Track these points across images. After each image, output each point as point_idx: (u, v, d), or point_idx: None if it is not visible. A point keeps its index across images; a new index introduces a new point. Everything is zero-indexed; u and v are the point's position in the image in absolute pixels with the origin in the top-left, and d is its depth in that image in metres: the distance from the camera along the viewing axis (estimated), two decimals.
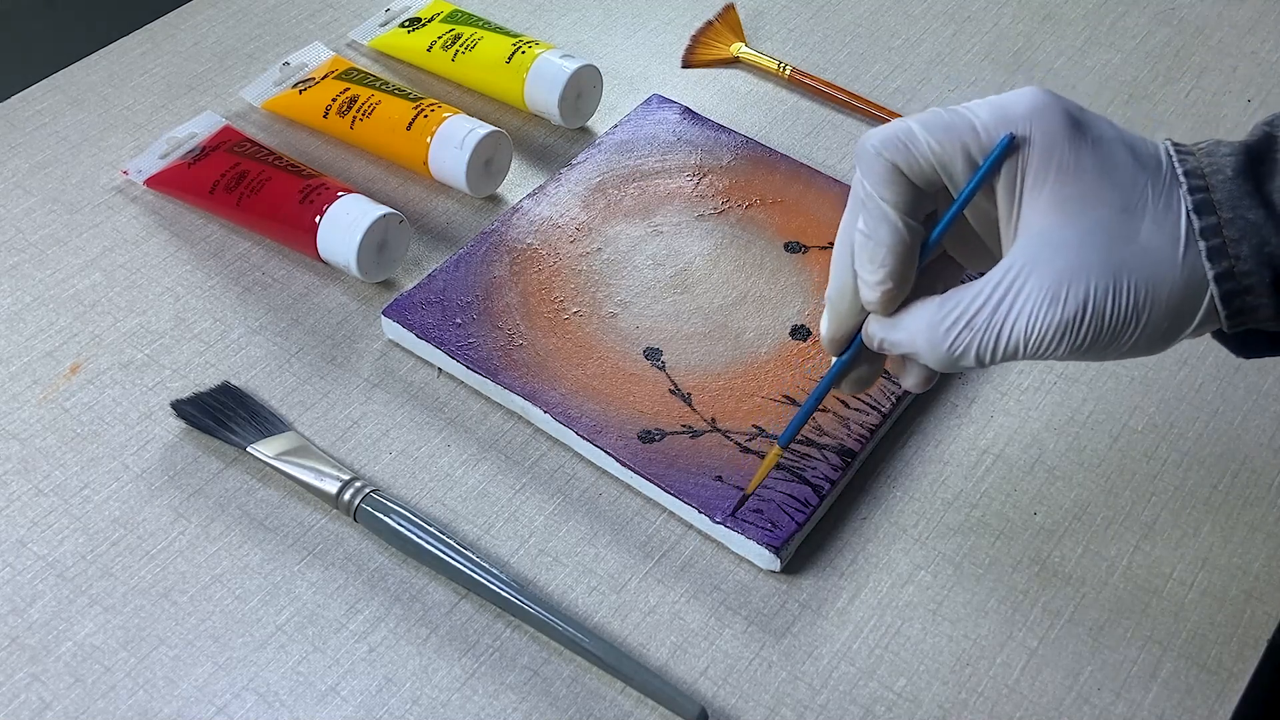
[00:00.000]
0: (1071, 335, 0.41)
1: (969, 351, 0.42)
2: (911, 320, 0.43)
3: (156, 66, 0.74)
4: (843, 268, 0.45)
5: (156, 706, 0.48)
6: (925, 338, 0.43)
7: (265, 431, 0.55)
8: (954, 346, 0.42)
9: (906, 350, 0.44)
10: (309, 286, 0.63)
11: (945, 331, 0.42)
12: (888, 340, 0.44)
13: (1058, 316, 0.41)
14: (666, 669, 0.50)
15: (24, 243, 0.65)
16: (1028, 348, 0.41)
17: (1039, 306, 0.41)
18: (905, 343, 0.44)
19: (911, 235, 0.43)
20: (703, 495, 0.53)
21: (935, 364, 0.44)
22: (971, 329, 0.42)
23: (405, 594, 0.52)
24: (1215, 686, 0.49)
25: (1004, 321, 0.41)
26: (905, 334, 0.43)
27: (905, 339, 0.44)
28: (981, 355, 0.42)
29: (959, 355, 0.42)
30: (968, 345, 0.42)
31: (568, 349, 0.58)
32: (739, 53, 0.76)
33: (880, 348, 0.45)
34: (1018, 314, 0.41)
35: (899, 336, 0.44)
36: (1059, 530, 0.54)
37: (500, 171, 0.67)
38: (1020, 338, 0.41)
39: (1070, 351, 0.41)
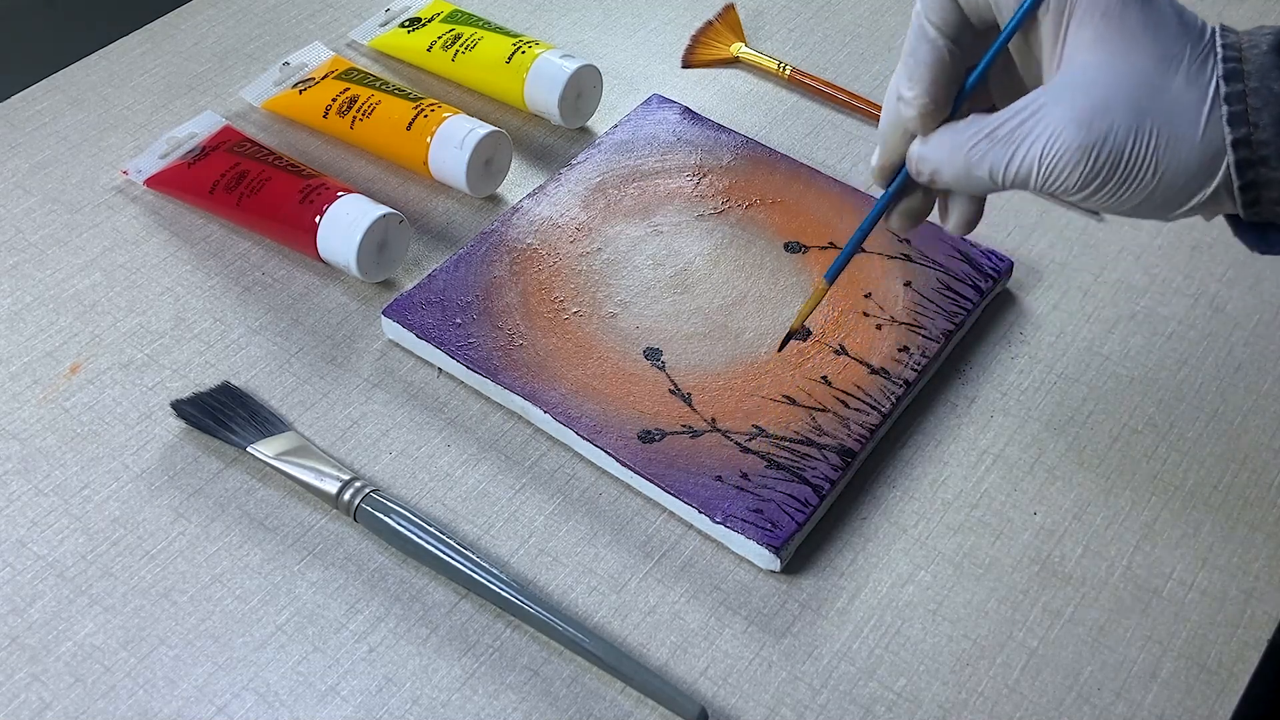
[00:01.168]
0: (1086, 164, 0.42)
1: (983, 163, 0.44)
2: (941, 136, 0.46)
3: (156, 66, 0.74)
4: (894, 99, 0.47)
5: (156, 706, 0.48)
6: (949, 150, 0.45)
7: (265, 431, 0.55)
8: (971, 155, 0.44)
9: (934, 165, 0.46)
10: (309, 286, 0.63)
11: (966, 140, 0.44)
12: (920, 155, 0.46)
13: (1077, 141, 0.42)
14: (666, 669, 0.50)
15: (24, 243, 0.65)
16: (1042, 169, 0.43)
17: (1061, 129, 0.42)
18: (932, 157, 0.46)
19: (951, 58, 0.45)
20: (703, 495, 0.53)
21: (954, 177, 0.45)
22: (992, 140, 0.44)
23: (405, 594, 0.52)
24: (1215, 686, 0.49)
25: (1025, 138, 0.43)
26: (934, 148, 0.46)
27: (933, 153, 0.46)
28: (994, 170, 0.44)
29: (974, 164, 0.44)
30: (983, 156, 0.44)
31: (568, 349, 0.58)
32: (739, 53, 0.76)
33: (915, 167, 0.47)
34: (1039, 134, 0.43)
35: (930, 152, 0.46)
36: (1059, 530, 0.54)
37: (500, 171, 0.67)
38: (1037, 157, 0.43)
39: (1081, 183, 0.43)
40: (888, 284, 0.61)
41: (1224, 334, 0.61)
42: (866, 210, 0.64)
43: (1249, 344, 0.61)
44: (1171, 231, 0.66)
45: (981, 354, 0.61)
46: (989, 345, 0.61)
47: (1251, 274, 0.64)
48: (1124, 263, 0.64)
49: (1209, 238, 0.66)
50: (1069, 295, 0.63)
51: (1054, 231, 0.66)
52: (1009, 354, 0.61)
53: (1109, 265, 0.64)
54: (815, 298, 0.52)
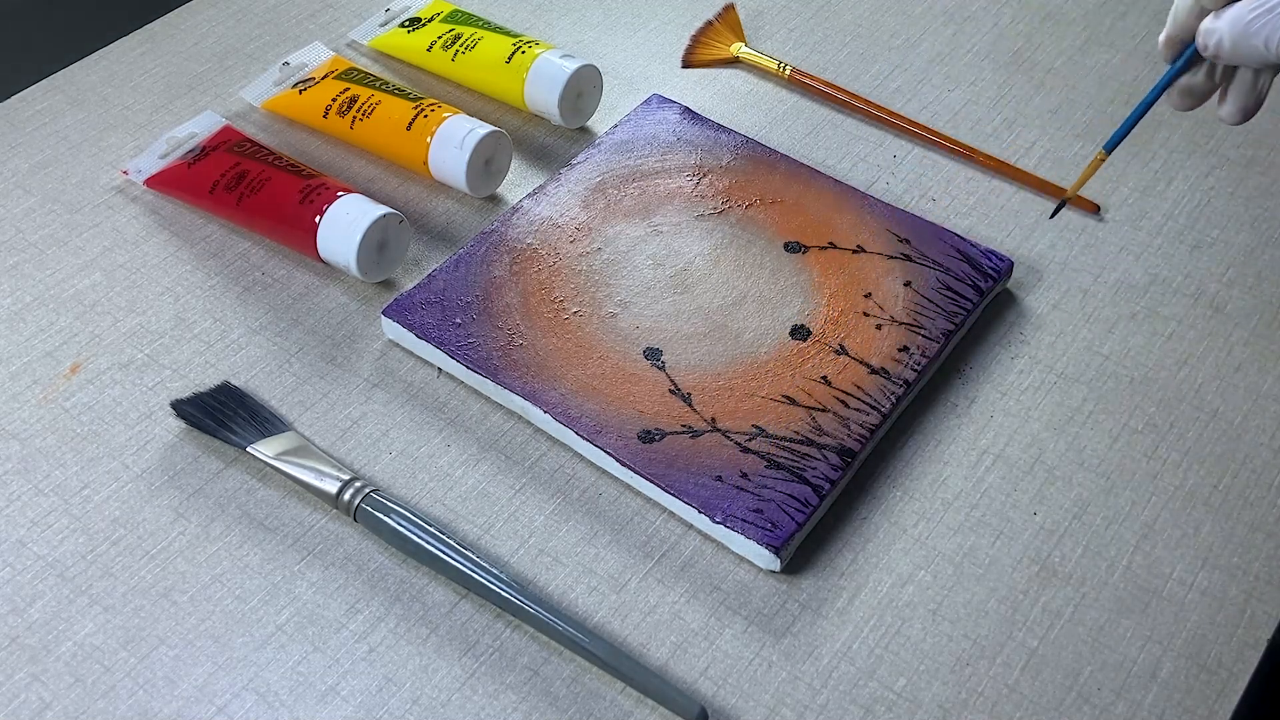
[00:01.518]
0: None
1: (1260, 34, 0.48)
2: (1229, 10, 0.49)
3: (156, 66, 0.74)
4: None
5: (156, 706, 0.48)
6: (1230, 20, 0.48)
7: (265, 431, 0.55)
8: (1249, 28, 0.48)
9: (1217, 39, 0.49)
10: (309, 286, 0.63)
11: (1248, 13, 0.48)
12: (1206, 28, 0.49)
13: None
14: (666, 669, 0.50)
15: (24, 243, 0.65)
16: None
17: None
18: (1218, 29, 0.49)
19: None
20: (703, 495, 0.53)
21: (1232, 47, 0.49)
22: (1271, 13, 0.47)
23: (405, 594, 0.52)
24: (1215, 686, 0.49)
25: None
26: (1222, 21, 0.49)
27: (1219, 25, 0.49)
28: (1269, 41, 0.47)
29: (1252, 35, 0.48)
30: (1260, 29, 0.47)
31: (568, 349, 0.58)
32: (739, 53, 0.76)
33: (1201, 41, 0.50)
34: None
35: (1216, 24, 0.49)
36: (1059, 530, 0.54)
37: (500, 171, 0.67)
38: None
39: None
40: (888, 284, 0.61)
41: (1224, 334, 0.61)
42: (867, 210, 0.64)
43: (1249, 344, 0.61)
44: (1171, 231, 0.66)
45: (981, 354, 0.61)
46: (989, 345, 0.61)
47: (1251, 274, 0.64)
48: (1124, 263, 0.64)
49: (1209, 238, 0.66)
50: (1069, 295, 0.63)
51: (1054, 231, 0.66)
52: (1009, 354, 0.61)
53: (1109, 265, 0.64)
54: (1093, 165, 0.56)
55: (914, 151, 0.70)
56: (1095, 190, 0.68)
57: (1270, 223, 0.67)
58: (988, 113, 0.73)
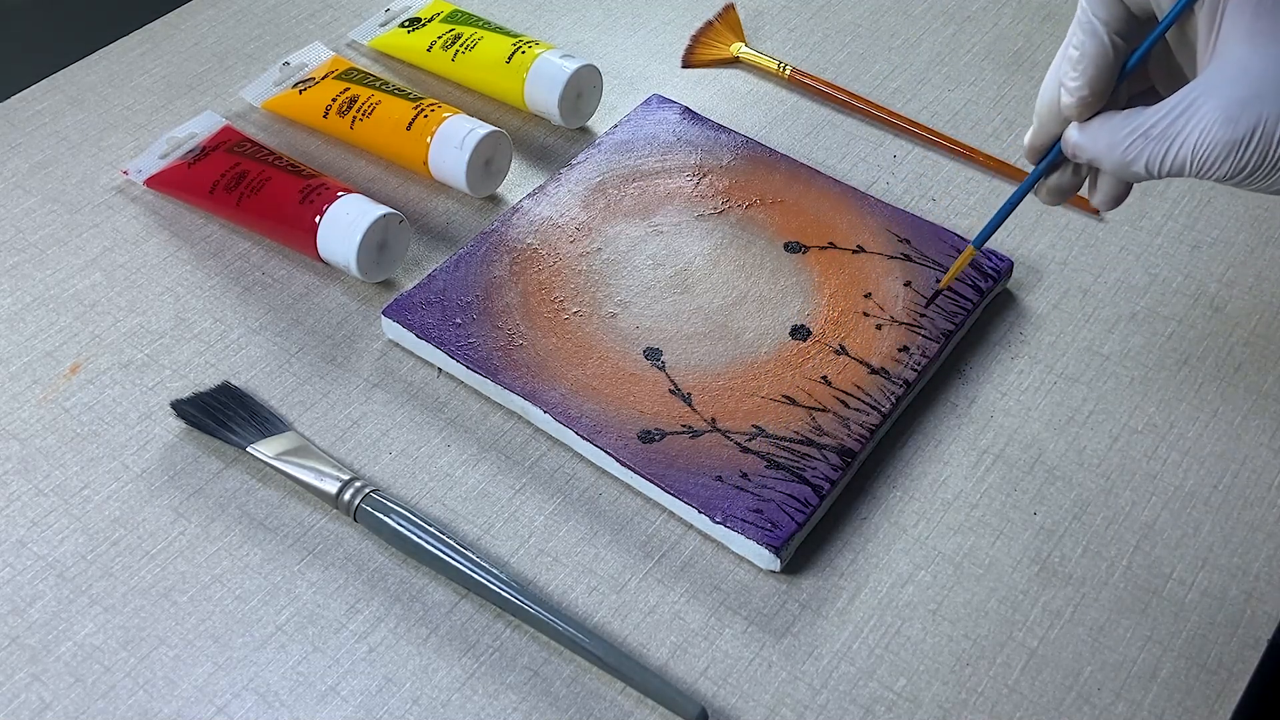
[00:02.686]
0: (1237, 155, 0.43)
1: (1140, 159, 0.46)
2: (1098, 127, 0.48)
3: (156, 66, 0.74)
4: (1051, 84, 0.49)
5: (156, 706, 0.48)
6: (1106, 143, 0.47)
7: (265, 431, 0.55)
8: (1128, 153, 0.46)
9: (1090, 155, 0.48)
10: (309, 286, 0.63)
11: (1123, 138, 0.46)
12: (1077, 144, 0.48)
13: (1227, 136, 0.43)
14: (666, 669, 0.50)
15: (24, 243, 0.65)
16: (1194, 162, 0.45)
17: (1211, 125, 0.44)
18: (1089, 147, 0.48)
19: (1115, 51, 0.47)
20: (703, 495, 0.53)
21: (1112, 169, 0.47)
22: (1147, 138, 0.45)
23: (405, 594, 0.52)
24: (1215, 686, 0.49)
25: (1176, 135, 0.44)
26: (1091, 139, 0.48)
27: (1090, 144, 0.48)
28: (1151, 165, 0.46)
29: (1131, 161, 0.46)
30: (1139, 153, 0.46)
31: (568, 349, 0.58)
32: (739, 53, 0.76)
33: (1071, 152, 0.49)
34: (1190, 130, 0.44)
35: (1085, 141, 0.48)
36: (1059, 530, 0.54)
37: (500, 171, 0.67)
38: (1189, 153, 0.44)
39: (1234, 173, 0.44)
40: (888, 284, 0.61)
41: (1224, 334, 0.61)
42: (867, 210, 0.64)
43: (1249, 344, 0.61)
44: (1171, 231, 0.66)
45: (981, 354, 0.61)
46: (989, 345, 0.61)
47: (1251, 274, 0.64)
48: (1124, 263, 0.64)
49: (1209, 238, 0.66)
50: (1069, 295, 0.63)
51: (1054, 231, 0.66)
52: (1009, 354, 0.61)
53: (1109, 265, 0.64)
54: (963, 260, 0.55)
55: (914, 151, 0.70)
56: None
57: (1270, 223, 0.66)
58: (988, 113, 0.73)
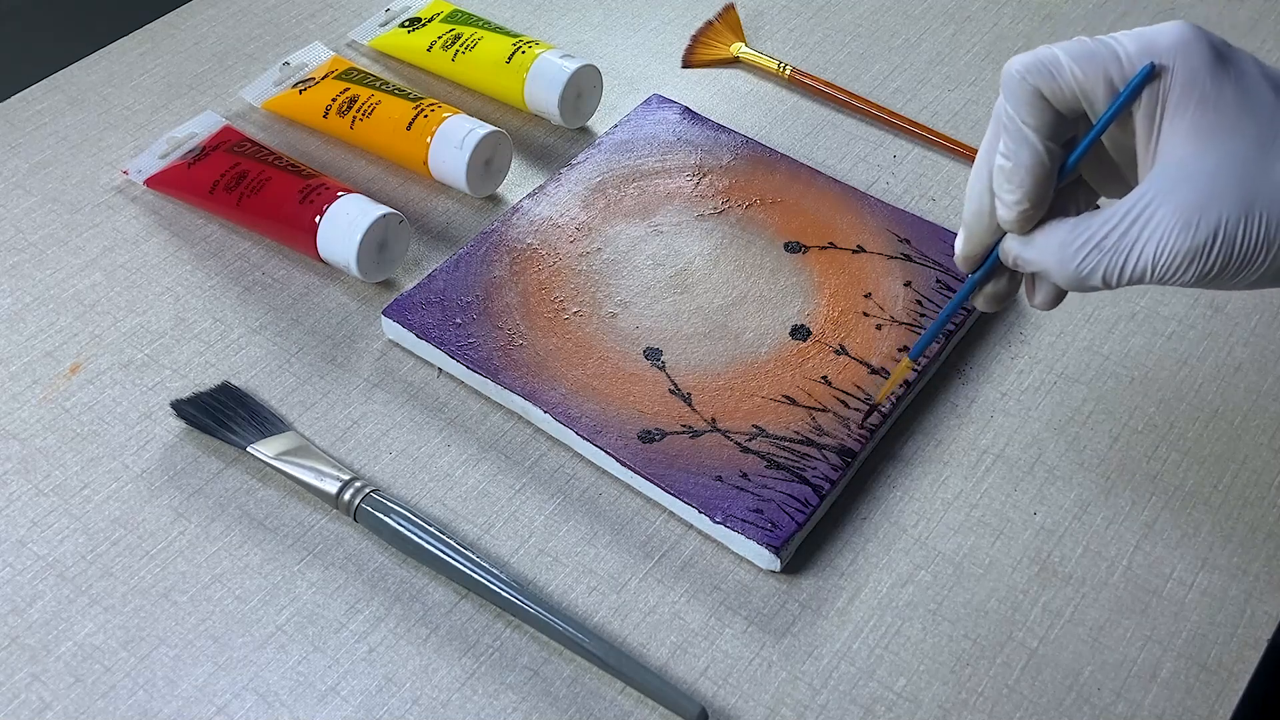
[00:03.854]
0: (1201, 262, 0.42)
1: (1096, 272, 0.44)
2: (1045, 240, 0.45)
3: (156, 66, 0.74)
4: (980, 190, 0.46)
5: (156, 706, 0.48)
6: (1056, 257, 0.44)
7: (265, 431, 0.55)
8: (1082, 267, 0.44)
9: (1038, 269, 0.46)
10: (309, 286, 0.63)
11: (1075, 251, 0.44)
12: (1021, 258, 0.46)
13: (1187, 243, 0.41)
14: (666, 669, 0.50)
15: (24, 243, 0.65)
16: (1155, 271, 0.43)
17: (1169, 232, 0.42)
18: (1037, 261, 0.45)
19: (1050, 159, 0.44)
20: (703, 495, 0.53)
21: (1064, 283, 0.45)
22: (1101, 250, 0.43)
23: (405, 594, 0.52)
24: (1215, 686, 0.49)
25: (1133, 245, 0.43)
26: (1038, 253, 0.45)
27: (1038, 257, 0.45)
28: (1108, 277, 0.44)
29: (1086, 275, 0.44)
30: (1095, 266, 0.44)
31: (568, 349, 0.58)
32: (739, 53, 0.76)
33: (1015, 265, 0.47)
34: (1148, 239, 0.42)
35: (1032, 255, 0.46)
36: (1059, 530, 0.54)
37: (500, 171, 0.67)
38: (1149, 262, 0.42)
39: (1198, 278, 0.42)
40: (888, 284, 0.61)
41: (1224, 334, 0.61)
42: (867, 210, 0.64)
43: (1249, 344, 0.61)
44: None
45: (981, 354, 0.61)
46: (989, 345, 0.61)
47: None
48: None
49: None
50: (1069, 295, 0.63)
51: None
52: (1009, 354, 0.61)
53: None
54: (899, 373, 0.54)
55: (914, 151, 0.70)
56: None
57: None
58: (987, 113, 0.72)
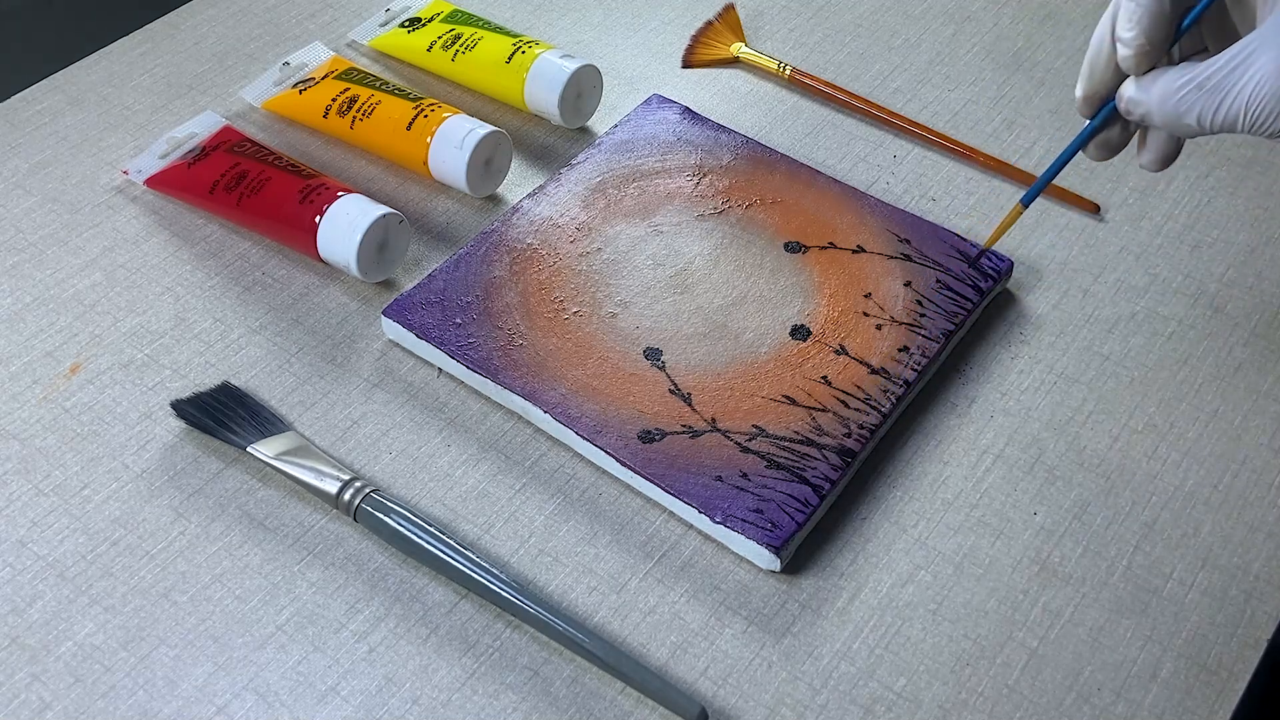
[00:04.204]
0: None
1: (1192, 112, 0.46)
2: (1153, 80, 0.47)
3: (156, 66, 0.74)
4: (1104, 34, 0.49)
5: (156, 706, 0.48)
6: (1159, 95, 0.47)
7: (265, 431, 0.55)
8: (1180, 104, 0.46)
9: (1144, 110, 0.48)
10: (309, 286, 0.63)
11: (1176, 90, 0.46)
12: (1131, 98, 0.48)
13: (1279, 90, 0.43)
14: (666, 669, 0.50)
15: (24, 243, 0.65)
16: (1248, 115, 0.44)
17: (1266, 78, 0.43)
18: (1144, 100, 0.47)
19: (1171, 4, 0.46)
20: (703, 495, 0.53)
21: (1163, 122, 0.47)
22: (1201, 90, 0.45)
23: (405, 594, 0.52)
24: (1215, 686, 0.49)
25: (1231, 88, 0.44)
26: (1145, 92, 0.47)
27: (1144, 97, 0.47)
28: (1203, 119, 0.46)
29: (1183, 114, 0.46)
30: (1191, 106, 0.46)
31: (568, 349, 0.58)
32: (739, 53, 0.76)
33: (1126, 107, 0.49)
34: (1244, 84, 0.44)
35: (1141, 95, 0.48)
36: (1059, 530, 0.54)
37: (500, 171, 0.67)
38: (1242, 106, 0.44)
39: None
40: (888, 284, 0.61)
41: (1224, 334, 0.61)
42: (867, 210, 0.64)
43: (1249, 344, 0.61)
44: (1171, 231, 0.66)
45: (981, 354, 0.61)
46: (989, 345, 0.61)
47: (1251, 274, 0.64)
48: (1124, 263, 0.64)
49: (1209, 238, 0.66)
50: (1069, 295, 0.63)
51: (1054, 231, 0.66)
52: (1009, 354, 0.61)
53: (1109, 265, 0.64)
54: (1011, 217, 0.56)
55: (914, 151, 0.70)
56: (1095, 190, 0.68)
57: (1270, 223, 0.67)
58: (988, 113, 0.73)
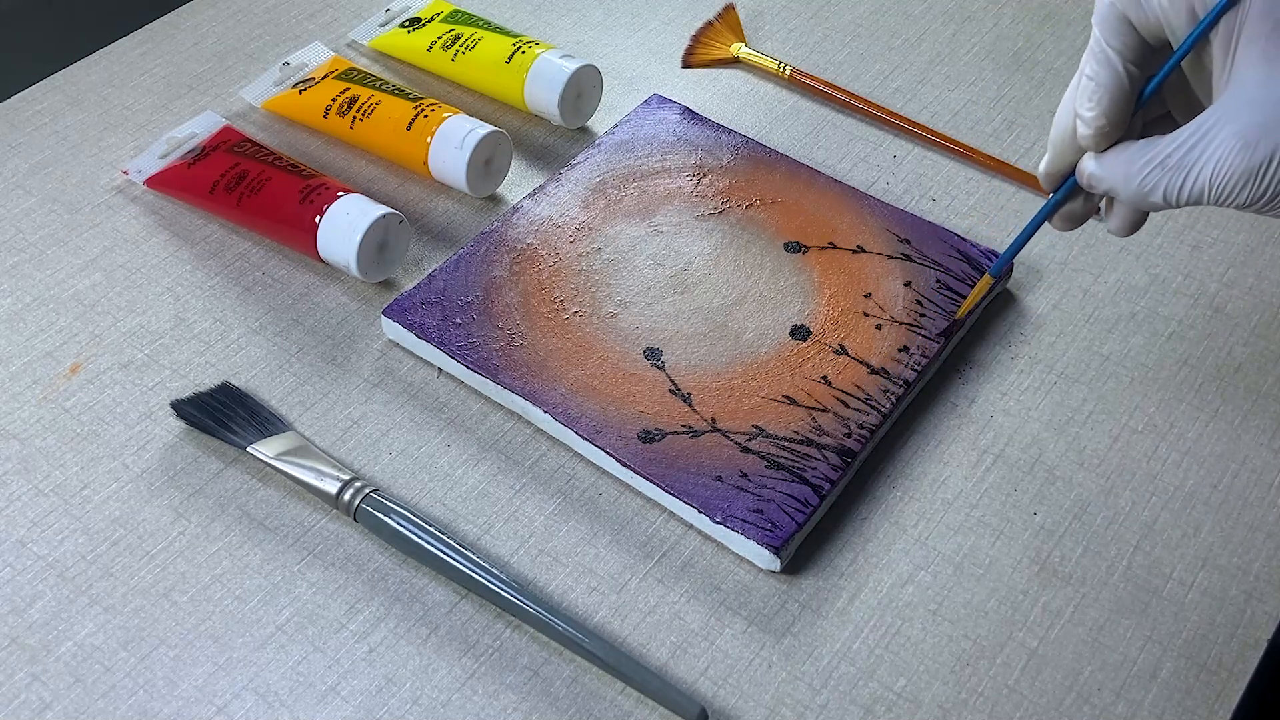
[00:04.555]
0: (1256, 183, 0.43)
1: (1157, 189, 0.46)
2: (1114, 157, 0.47)
3: (156, 66, 0.74)
4: (1067, 110, 0.49)
5: (156, 706, 0.48)
6: (1123, 173, 0.47)
7: (265, 431, 0.55)
8: (1144, 183, 0.46)
9: (1107, 186, 0.48)
10: (309, 286, 0.63)
11: (1139, 168, 0.46)
12: (1093, 174, 0.48)
13: (1244, 164, 0.43)
14: (666, 669, 0.50)
15: (24, 243, 0.65)
16: (1213, 191, 0.44)
17: (1228, 153, 0.43)
18: (1106, 178, 0.48)
19: (1129, 80, 0.46)
20: (703, 495, 0.53)
21: (1129, 201, 0.47)
22: (1164, 168, 0.45)
23: (405, 594, 0.52)
24: (1215, 686, 0.49)
25: (1194, 164, 0.44)
26: (1107, 170, 0.48)
27: (1106, 175, 0.48)
28: (1169, 195, 0.46)
29: (1148, 192, 0.46)
30: (1156, 183, 0.46)
31: (568, 349, 0.58)
32: (739, 53, 0.76)
33: (1088, 183, 0.49)
34: (1207, 159, 0.44)
35: (1103, 172, 0.48)
36: (1059, 530, 0.54)
37: (500, 171, 0.67)
38: (1207, 181, 0.44)
39: (1253, 199, 0.44)
40: (888, 284, 0.61)
41: (1224, 334, 0.61)
42: (867, 210, 0.64)
43: (1249, 344, 0.61)
44: (1171, 231, 0.66)
45: (981, 354, 0.61)
46: (989, 345, 0.61)
47: (1251, 274, 0.64)
48: (1124, 263, 0.65)
49: (1209, 238, 0.66)
50: (1069, 295, 0.63)
51: (1054, 232, 0.66)
52: (1009, 354, 0.61)
53: (1109, 265, 0.64)
54: (980, 289, 0.57)
55: (914, 151, 0.71)
56: None
57: (1270, 223, 0.66)
58: (988, 113, 0.73)
